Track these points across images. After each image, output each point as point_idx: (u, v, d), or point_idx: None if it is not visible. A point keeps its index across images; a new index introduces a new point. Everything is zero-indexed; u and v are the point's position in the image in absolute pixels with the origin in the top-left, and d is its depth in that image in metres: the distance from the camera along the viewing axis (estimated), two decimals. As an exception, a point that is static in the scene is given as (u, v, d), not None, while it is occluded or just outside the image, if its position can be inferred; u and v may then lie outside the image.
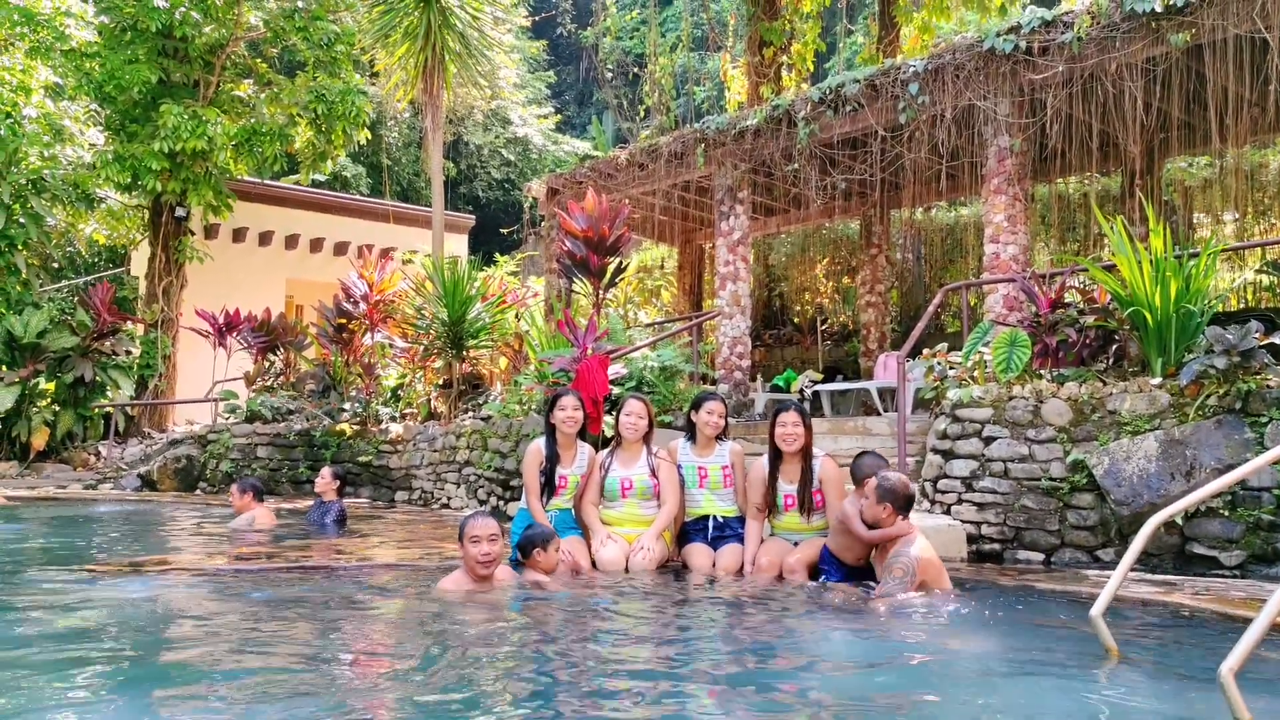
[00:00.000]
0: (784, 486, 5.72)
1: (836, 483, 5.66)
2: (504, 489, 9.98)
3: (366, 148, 25.68)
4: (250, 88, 19.25)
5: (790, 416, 5.64)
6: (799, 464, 5.68)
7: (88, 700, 2.97)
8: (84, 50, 17.29)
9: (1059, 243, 14.56)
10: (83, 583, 5.28)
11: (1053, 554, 6.58)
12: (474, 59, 16.30)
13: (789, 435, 5.61)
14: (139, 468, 13.44)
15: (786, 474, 5.71)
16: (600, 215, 10.30)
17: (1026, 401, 6.90)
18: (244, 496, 8.39)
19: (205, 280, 19.41)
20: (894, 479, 5.02)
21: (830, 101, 10.70)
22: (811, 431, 5.72)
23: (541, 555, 5.16)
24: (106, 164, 16.58)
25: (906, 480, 5.06)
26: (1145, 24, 8.52)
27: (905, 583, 4.77)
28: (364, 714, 2.82)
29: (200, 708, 2.91)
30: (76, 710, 2.85)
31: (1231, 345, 6.09)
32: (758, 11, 17.84)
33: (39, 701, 2.90)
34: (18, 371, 14.58)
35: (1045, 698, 3.16)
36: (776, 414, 5.73)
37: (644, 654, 3.88)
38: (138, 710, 2.87)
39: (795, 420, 5.62)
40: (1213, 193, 13.16)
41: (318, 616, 4.55)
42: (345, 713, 2.81)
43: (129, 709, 2.89)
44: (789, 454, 5.68)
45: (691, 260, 16.85)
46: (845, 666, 3.73)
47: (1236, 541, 5.85)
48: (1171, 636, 4.25)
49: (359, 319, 13.89)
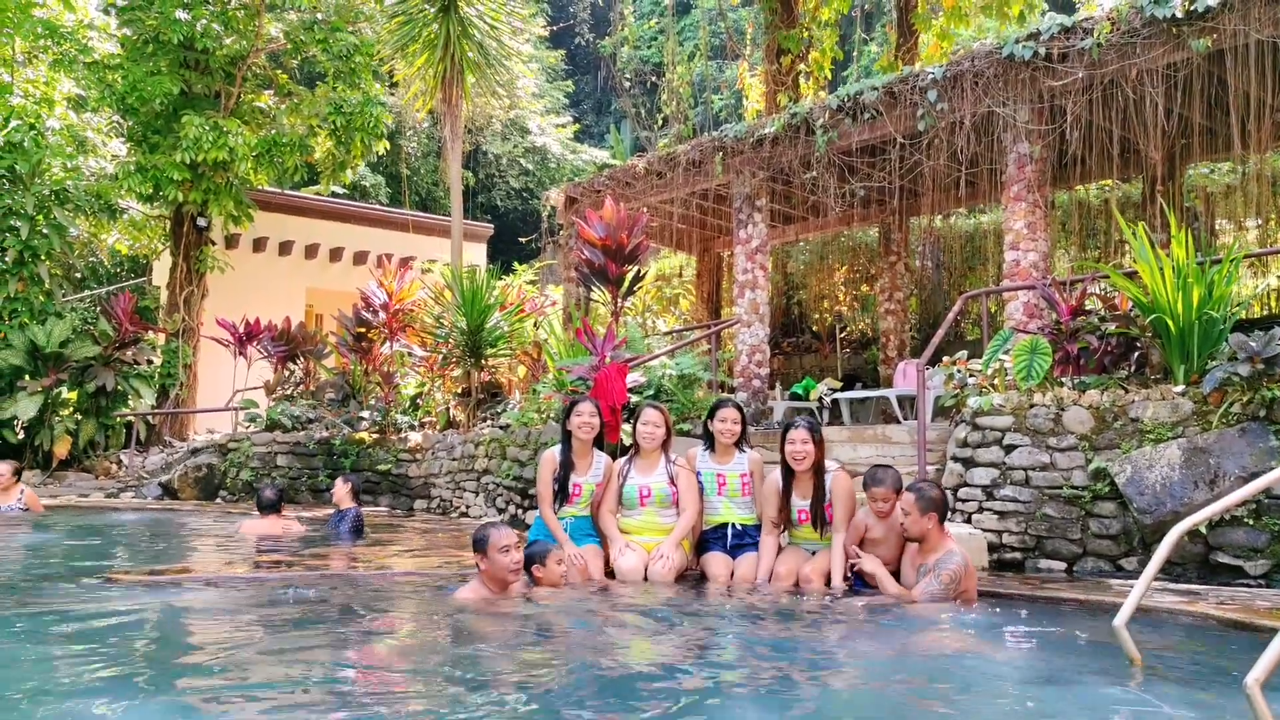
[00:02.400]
0: (797, 502, 5.70)
1: (846, 497, 5.60)
2: (522, 497, 9.98)
3: (386, 158, 25.81)
4: (271, 99, 19.35)
5: (799, 434, 5.59)
6: (811, 479, 5.64)
7: (108, 707, 2.97)
8: (106, 62, 17.44)
9: (1079, 249, 14.49)
10: (104, 591, 5.30)
11: (1075, 563, 6.52)
12: (492, 69, 16.36)
13: (798, 453, 5.57)
14: (160, 476, 13.50)
15: (800, 489, 5.69)
16: (618, 224, 10.30)
17: (1047, 409, 6.86)
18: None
19: (226, 290, 19.51)
20: (932, 490, 5.06)
21: (848, 109, 10.68)
22: (823, 446, 5.68)
23: (541, 571, 5.15)
24: (129, 175, 16.69)
25: (940, 486, 5.10)
26: (1166, 29, 8.47)
27: (950, 588, 4.78)
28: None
29: (216, 713, 2.91)
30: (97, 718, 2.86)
31: (1255, 352, 6.03)
32: (775, 20, 17.84)
33: (61, 707, 2.90)
34: (41, 381, 14.67)
35: (1069, 708, 3.13)
36: (786, 431, 5.69)
37: (666, 662, 3.87)
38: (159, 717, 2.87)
39: (804, 438, 5.57)
40: (1235, 199, 13.07)
41: (337, 626, 4.56)
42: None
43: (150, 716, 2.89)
44: (800, 471, 5.64)
45: (710, 268, 16.84)
46: (867, 676, 3.70)
47: (1262, 550, 5.78)
48: (1196, 647, 4.20)
49: (378, 328, 13.92)
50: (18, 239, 15.02)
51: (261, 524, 8.43)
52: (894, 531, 5.30)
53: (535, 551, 5.25)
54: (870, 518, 5.38)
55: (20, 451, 14.70)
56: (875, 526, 5.36)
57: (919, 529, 5.00)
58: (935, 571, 4.87)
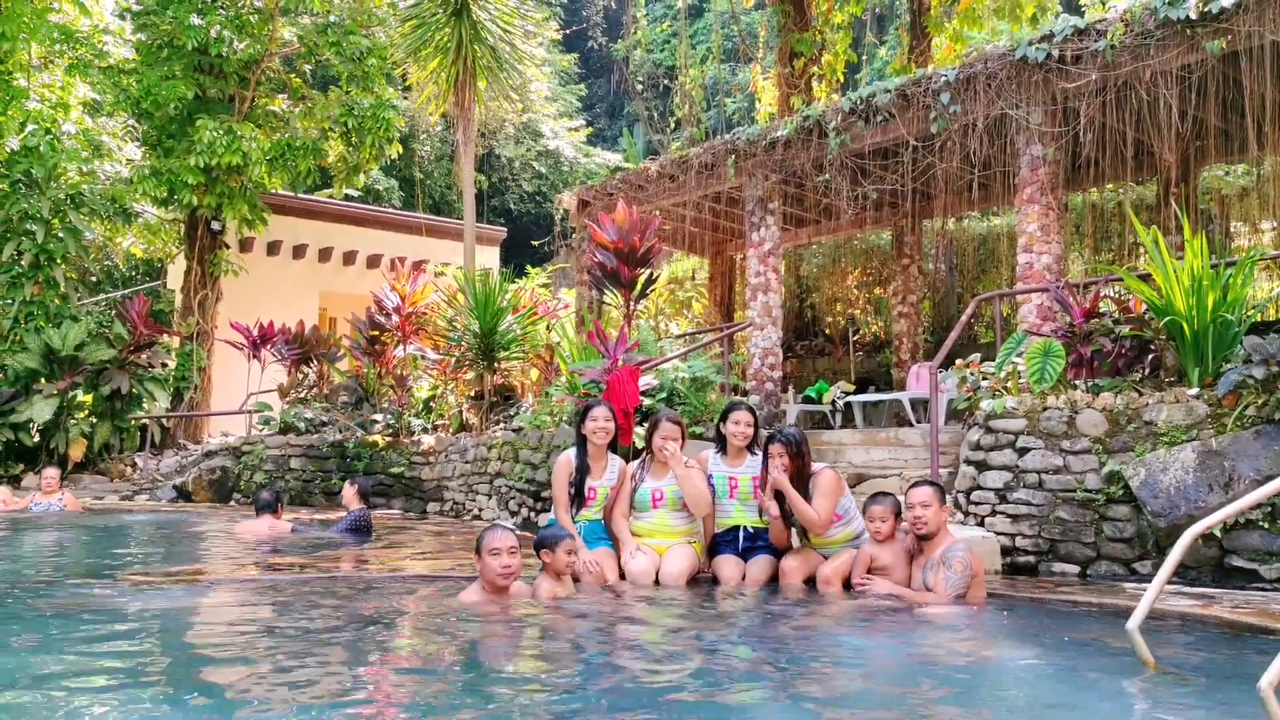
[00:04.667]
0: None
1: (828, 491, 5.56)
2: (535, 500, 9.99)
3: (399, 161, 25.86)
4: (284, 102, 19.44)
5: (776, 449, 5.57)
6: (798, 490, 5.59)
7: (119, 709, 2.98)
8: (121, 67, 17.56)
9: (1093, 252, 14.43)
10: (118, 592, 5.33)
11: (1089, 566, 6.50)
12: (505, 72, 16.40)
13: (777, 467, 5.54)
14: (174, 479, 13.57)
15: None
16: (631, 227, 10.30)
17: (1061, 412, 6.83)
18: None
19: (240, 293, 19.59)
20: (930, 481, 5.25)
21: (861, 112, 10.66)
22: (808, 459, 5.63)
23: (548, 556, 5.07)
24: (143, 179, 16.78)
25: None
26: (1180, 31, 8.43)
27: (966, 575, 4.80)
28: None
29: (223, 714, 2.92)
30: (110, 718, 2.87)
31: (1270, 355, 6.00)
32: (788, 23, 17.83)
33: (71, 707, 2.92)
34: (56, 384, 14.75)
35: (1083, 710, 3.12)
36: (768, 443, 5.66)
37: (679, 665, 3.86)
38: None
39: (780, 451, 5.54)
40: (1250, 201, 13.00)
41: (345, 627, 4.57)
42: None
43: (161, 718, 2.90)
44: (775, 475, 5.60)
45: (722, 271, 16.83)
46: (881, 677, 3.70)
47: (1276, 554, 5.75)
48: (1210, 650, 4.18)
49: (391, 331, 13.95)
50: (33, 243, 15.12)
51: (256, 525, 8.48)
52: (899, 555, 5.31)
53: (546, 536, 5.18)
54: (874, 546, 5.38)
55: (35, 454, 14.80)
56: (880, 553, 5.34)
57: (938, 521, 5.04)
58: (946, 563, 4.87)
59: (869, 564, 5.35)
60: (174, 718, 2.90)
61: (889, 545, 5.33)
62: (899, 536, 5.34)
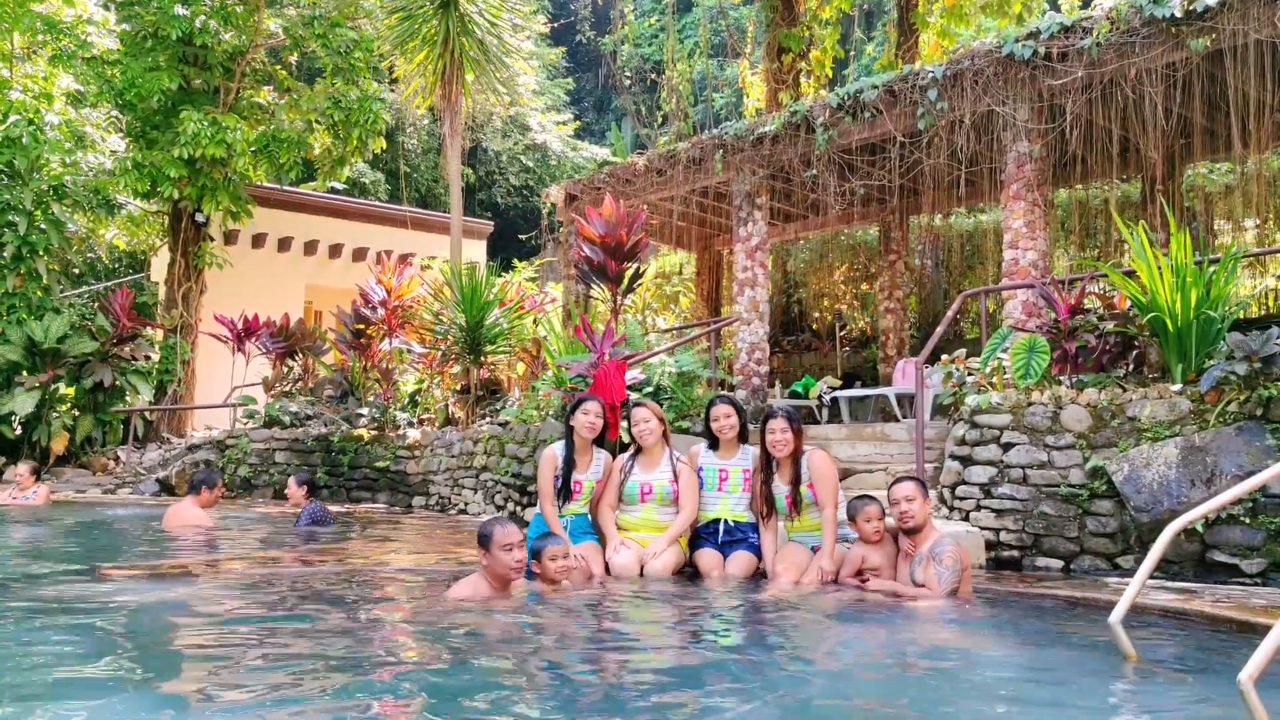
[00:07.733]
0: (780, 487, 5.77)
1: (827, 471, 5.69)
2: (521, 494, 9.98)
3: (385, 154, 25.77)
4: (270, 94, 19.34)
5: (779, 424, 5.71)
6: (791, 467, 5.72)
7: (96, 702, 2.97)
8: (105, 58, 17.43)
9: (1078, 249, 14.49)
10: (96, 585, 5.30)
11: (1072, 561, 6.53)
12: (492, 66, 16.35)
13: (778, 442, 5.68)
14: (158, 473, 13.50)
15: (782, 475, 5.77)
16: (618, 221, 10.29)
17: (1045, 408, 6.86)
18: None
19: (224, 286, 19.48)
20: (911, 476, 5.37)
21: (849, 107, 10.68)
22: (802, 435, 5.81)
23: (538, 567, 5.08)
24: (127, 171, 16.66)
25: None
26: (1165, 29, 8.47)
27: (957, 569, 4.82)
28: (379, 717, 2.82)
29: (205, 708, 2.91)
30: (91, 713, 2.85)
31: (1252, 352, 6.04)
32: (776, 18, 17.84)
33: (52, 703, 2.90)
34: (38, 376, 14.67)
35: (1064, 704, 3.14)
36: (765, 421, 5.79)
37: (667, 661, 3.87)
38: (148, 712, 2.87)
39: (783, 427, 5.69)
40: (1234, 199, 13.07)
41: (332, 622, 4.55)
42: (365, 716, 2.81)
43: (141, 712, 2.89)
44: (781, 458, 5.73)
45: (709, 266, 16.84)
46: (865, 671, 3.70)
47: (1258, 549, 5.79)
48: (1191, 644, 4.21)
49: (377, 324, 13.92)
50: (16, 234, 15.02)
51: (182, 507, 8.34)
52: (889, 555, 5.38)
53: (534, 548, 5.21)
54: (864, 548, 5.42)
55: (17, 447, 14.72)
56: (871, 554, 5.39)
57: (924, 514, 5.09)
58: (937, 558, 4.90)
59: (859, 566, 5.38)
60: (166, 716, 2.89)
61: (880, 547, 5.37)
62: (887, 537, 5.39)
